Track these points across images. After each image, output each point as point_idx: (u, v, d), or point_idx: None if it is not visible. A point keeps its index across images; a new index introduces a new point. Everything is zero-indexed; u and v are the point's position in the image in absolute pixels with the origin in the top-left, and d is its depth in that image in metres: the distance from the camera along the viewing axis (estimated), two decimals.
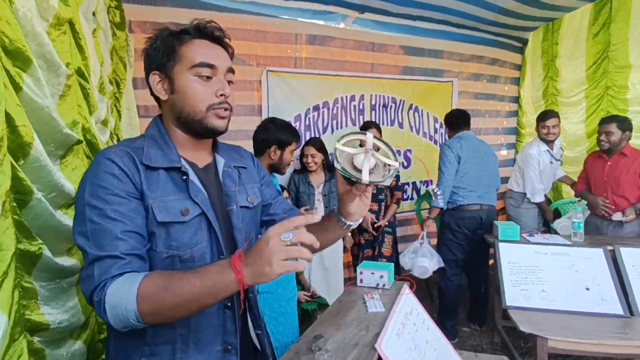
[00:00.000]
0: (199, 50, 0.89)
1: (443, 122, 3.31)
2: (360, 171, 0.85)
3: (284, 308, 1.81)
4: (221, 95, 0.89)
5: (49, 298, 1.08)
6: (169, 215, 0.84)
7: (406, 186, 3.95)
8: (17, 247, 0.92)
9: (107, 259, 0.75)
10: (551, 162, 3.25)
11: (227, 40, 0.95)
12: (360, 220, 0.95)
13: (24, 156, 0.96)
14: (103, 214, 0.77)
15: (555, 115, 3.16)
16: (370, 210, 3.11)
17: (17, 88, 0.92)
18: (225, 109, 0.91)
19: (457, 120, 3.06)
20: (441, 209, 2.92)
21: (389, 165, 0.88)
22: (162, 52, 0.89)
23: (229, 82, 0.93)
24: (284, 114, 3.19)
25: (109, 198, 0.78)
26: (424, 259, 2.72)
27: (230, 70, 0.93)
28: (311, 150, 2.77)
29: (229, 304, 0.92)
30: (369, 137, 0.86)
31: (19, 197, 0.94)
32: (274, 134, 1.85)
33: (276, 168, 1.87)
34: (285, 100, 3.21)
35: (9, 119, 0.89)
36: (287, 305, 1.83)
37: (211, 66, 0.88)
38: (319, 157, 2.78)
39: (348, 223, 0.93)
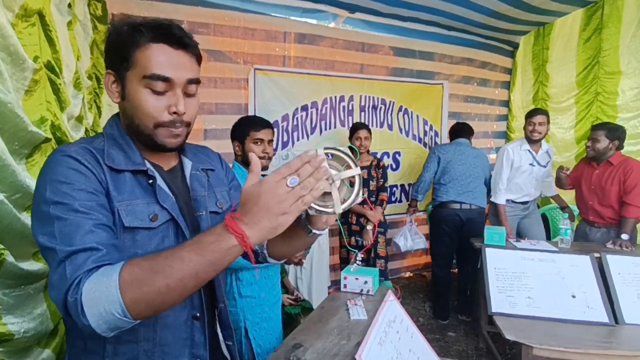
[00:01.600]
0: (154, 59, 0.76)
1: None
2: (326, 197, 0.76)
3: (267, 313, 1.76)
4: (174, 112, 0.79)
5: (14, 306, 1.02)
6: (137, 220, 0.77)
7: (394, 188, 3.93)
8: None
9: (80, 253, 0.66)
10: (532, 165, 3.11)
11: (192, 43, 0.82)
12: (327, 229, 0.88)
13: None
14: (71, 209, 0.69)
15: (544, 113, 3.08)
16: (359, 214, 3.05)
17: None
18: (177, 128, 0.81)
19: (454, 131, 3.40)
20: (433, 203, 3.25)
21: (350, 177, 0.77)
22: (116, 52, 0.79)
23: (190, 95, 0.82)
24: (271, 114, 3.14)
25: (75, 193, 0.71)
26: (400, 238, 3.48)
27: (193, 82, 0.81)
28: None
29: (198, 314, 0.87)
30: (356, 171, 0.76)
31: None
32: (232, 131, 1.88)
33: (246, 163, 1.83)
34: (272, 100, 3.16)
35: None
36: (270, 310, 1.77)
37: (166, 79, 0.77)
38: None
39: (316, 232, 0.86)
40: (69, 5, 1.60)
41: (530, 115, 3.09)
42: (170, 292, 0.65)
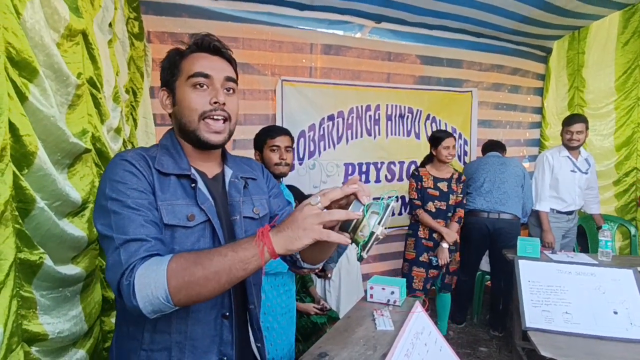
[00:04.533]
0: (195, 62, 0.92)
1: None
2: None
3: (270, 323, 1.73)
4: (214, 102, 0.90)
5: (50, 307, 1.08)
6: (175, 218, 0.86)
7: None
8: (16, 257, 0.92)
9: (133, 242, 0.77)
10: (573, 171, 3.04)
11: (228, 51, 0.97)
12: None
13: (27, 165, 0.96)
14: (125, 205, 0.81)
15: (583, 120, 2.98)
16: (433, 229, 2.87)
17: (22, 98, 0.93)
18: (224, 119, 0.92)
19: (485, 147, 3.52)
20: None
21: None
22: (168, 70, 0.95)
23: (230, 90, 0.95)
24: (298, 123, 3.19)
25: (129, 192, 0.82)
26: None
27: (230, 80, 0.94)
28: None
29: (227, 313, 0.93)
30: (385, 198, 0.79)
31: (21, 206, 0.94)
32: (254, 142, 1.95)
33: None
34: (299, 110, 3.21)
35: (13, 129, 0.90)
36: (274, 320, 1.75)
37: (206, 75, 0.90)
38: None
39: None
40: (110, 25, 1.70)
41: (568, 123, 3.00)
42: (207, 283, 0.74)
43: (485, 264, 3.35)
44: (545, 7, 3.11)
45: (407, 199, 3.28)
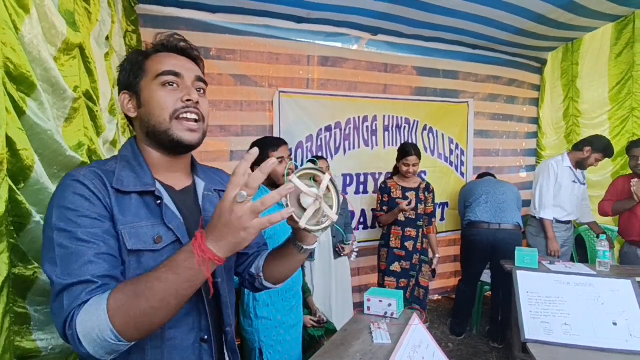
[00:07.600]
0: (163, 61, 0.86)
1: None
2: (303, 209, 0.80)
3: (282, 336, 1.73)
4: (187, 100, 0.84)
5: (44, 323, 1.06)
6: (140, 242, 0.78)
7: None
8: (10, 272, 0.91)
9: (76, 285, 0.69)
10: (574, 182, 3.08)
11: (195, 52, 0.92)
12: (315, 245, 0.90)
13: (24, 179, 0.96)
14: (74, 237, 0.71)
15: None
16: (409, 237, 2.91)
17: (20, 112, 0.93)
18: (195, 119, 0.86)
19: (478, 177, 3.64)
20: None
21: (325, 216, 0.81)
22: (130, 72, 0.87)
23: (200, 90, 0.89)
24: (296, 135, 3.21)
25: (79, 220, 0.73)
26: None
27: (200, 80, 0.89)
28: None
29: (206, 337, 0.86)
30: (326, 178, 0.80)
31: (17, 221, 0.94)
32: None
33: (274, 183, 1.83)
34: (297, 121, 3.22)
35: (10, 143, 0.90)
36: (286, 333, 1.74)
37: (176, 74, 0.85)
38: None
39: (304, 247, 0.88)
40: (107, 38, 1.72)
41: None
42: (156, 312, 0.68)
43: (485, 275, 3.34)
44: (538, 19, 3.16)
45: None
